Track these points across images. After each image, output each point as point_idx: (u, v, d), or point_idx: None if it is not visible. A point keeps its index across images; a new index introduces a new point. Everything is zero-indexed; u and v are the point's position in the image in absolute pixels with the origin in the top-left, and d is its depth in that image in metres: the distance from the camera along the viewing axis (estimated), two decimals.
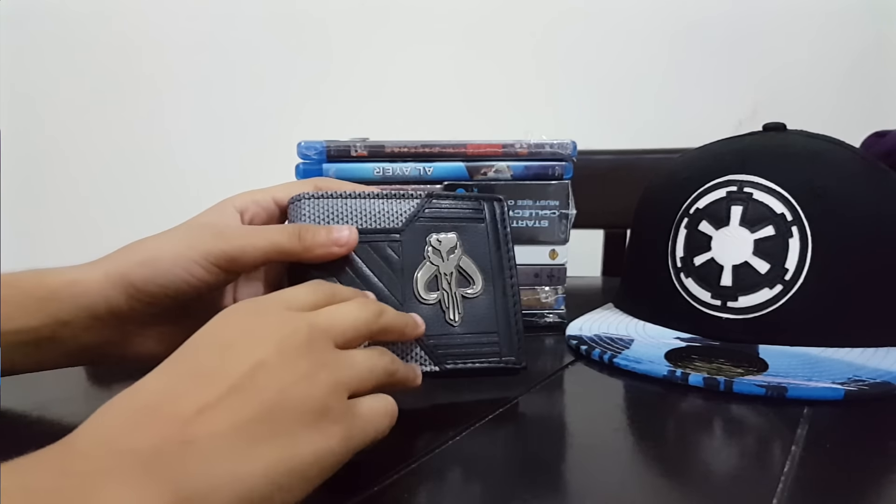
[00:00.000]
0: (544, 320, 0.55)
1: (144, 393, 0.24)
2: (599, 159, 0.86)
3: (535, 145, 0.54)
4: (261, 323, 0.27)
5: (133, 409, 0.23)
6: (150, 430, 0.22)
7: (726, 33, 1.04)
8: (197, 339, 0.26)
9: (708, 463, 0.31)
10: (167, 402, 0.23)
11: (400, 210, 0.38)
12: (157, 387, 0.24)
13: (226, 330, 0.27)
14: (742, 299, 0.44)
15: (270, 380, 0.24)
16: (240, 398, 0.23)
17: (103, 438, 0.22)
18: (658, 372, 0.41)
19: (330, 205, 0.37)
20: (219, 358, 0.25)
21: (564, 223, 0.54)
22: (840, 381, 0.37)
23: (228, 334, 0.26)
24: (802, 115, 0.65)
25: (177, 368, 0.25)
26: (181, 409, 0.22)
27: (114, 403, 0.23)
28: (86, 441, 0.22)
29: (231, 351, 0.25)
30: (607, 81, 1.08)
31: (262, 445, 0.23)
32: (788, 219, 0.44)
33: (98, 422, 0.23)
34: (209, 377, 0.24)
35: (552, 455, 0.32)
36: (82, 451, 0.21)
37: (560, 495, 0.28)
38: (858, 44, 1.00)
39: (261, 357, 0.25)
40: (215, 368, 0.24)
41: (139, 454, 0.21)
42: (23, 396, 0.40)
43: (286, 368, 0.25)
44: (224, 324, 0.27)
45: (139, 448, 0.21)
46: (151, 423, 0.22)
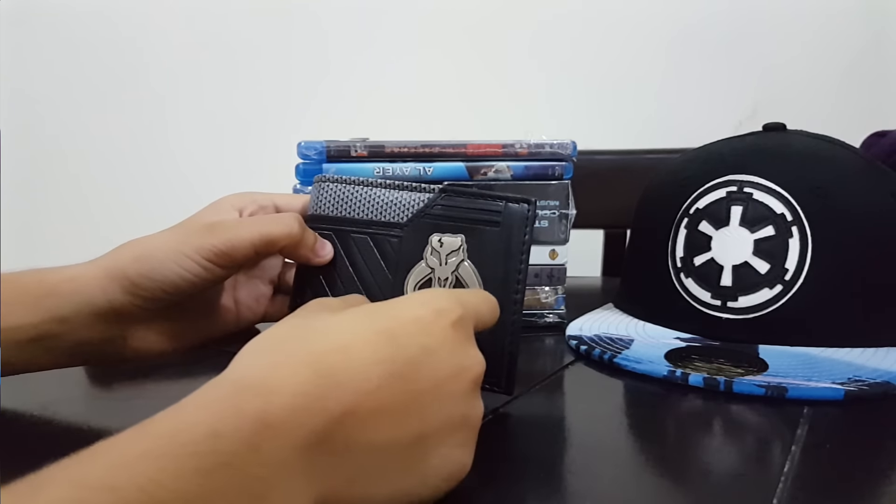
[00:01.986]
0: (544, 320, 0.55)
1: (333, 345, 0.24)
2: (599, 159, 0.86)
3: (535, 145, 0.54)
4: (460, 346, 0.26)
5: (322, 364, 0.23)
6: (331, 400, 0.22)
7: (726, 33, 1.04)
8: (405, 313, 0.26)
9: (708, 463, 0.31)
10: (353, 376, 0.23)
11: (408, 203, 0.36)
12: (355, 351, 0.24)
13: (433, 331, 0.26)
14: (742, 299, 0.44)
15: (443, 409, 0.25)
16: (415, 411, 0.24)
17: (295, 407, 0.21)
18: (658, 372, 0.41)
19: (338, 191, 0.37)
20: (417, 366, 0.24)
21: (564, 223, 0.54)
22: (840, 381, 0.37)
23: (434, 340, 0.26)
24: (802, 115, 0.65)
25: (377, 337, 0.24)
26: (361, 386, 0.23)
27: (300, 340, 0.24)
28: (280, 400, 0.21)
29: (430, 360, 0.25)
30: (607, 81, 1.08)
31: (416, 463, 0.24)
32: (788, 219, 0.44)
33: (290, 370, 0.22)
34: (402, 377, 0.24)
35: (552, 455, 0.32)
36: (277, 420, 0.20)
37: (560, 495, 0.28)
38: (858, 44, 1.00)
39: (446, 381, 0.25)
40: (410, 369, 0.24)
41: (316, 433, 0.21)
42: (23, 397, 0.40)
43: (458, 405, 0.26)
44: (433, 322, 0.26)
45: (319, 426, 0.21)
46: (336, 389, 0.22)
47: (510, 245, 0.36)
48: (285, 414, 0.21)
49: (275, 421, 0.20)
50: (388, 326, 0.25)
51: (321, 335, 0.24)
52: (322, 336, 0.24)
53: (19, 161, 1.22)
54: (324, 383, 0.22)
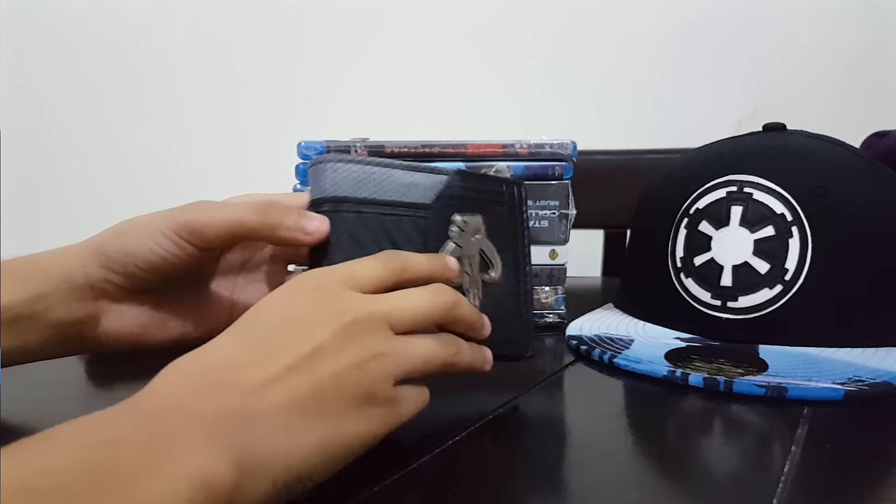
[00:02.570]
0: (544, 320, 0.55)
1: (212, 359, 0.26)
2: (599, 159, 0.86)
3: (535, 145, 0.54)
4: (324, 302, 0.28)
5: (202, 374, 0.25)
6: (217, 397, 0.24)
7: (726, 33, 1.04)
8: (264, 307, 0.28)
9: (708, 463, 0.31)
10: (233, 371, 0.25)
11: (429, 185, 0.36)
12: (225, 353, 0.26)
13: (291, 304, 0.28)
14: (742, 299, 0.44)
15: (326, 364, 0.26)
16: (297, 377, 0.25)
17: (175, 398, 0.23)
18: (658, 372, 0.41)
19: (354, 171, 0.34)
20: (282, 333, 0.27)
21: (564, 223, 0.54)
22: (840, 381, 0.37)
23: (293, 309, 0.28)
24: (802, 115, 0.65)
25: (243, 336, 0.27)
26: (245, 380, 0.24)
27: (181, 366, 0.25)
28: (159, 400, 0.24)
29: (294, 327, 0.27)
30: (607, 81, 1.08)
31: (313, 423, 0.25)
32: (788, 219, 0.44)
33: (167, 382, 0.24)
34: (272, 351, 0.26)
35: (552, 455, 0.32)
36: (156, 409, 0.23)
37: (560, 495, 0.28)
38: (858, 44, 1.00)
39: (320, 340, 0.26)
40: (278, 344, 0.26)
41: (207, 418, 0.23)
42: (23, 397, 0.40)
43: (341, 354, 0.26)
44: (290, 297, 0.29)
45: (207, 412, 0.23)
46: (218, 391, 0.24)
47: (515, 222, 0.40)
48: (168, 403, 0.23)
49: (159, 407, 0.23)
50: (251, 313, 0.28)
51: (202, 355, 0.26)
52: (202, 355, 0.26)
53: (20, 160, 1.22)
54: (205, 383, 0.24)
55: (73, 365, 0.46)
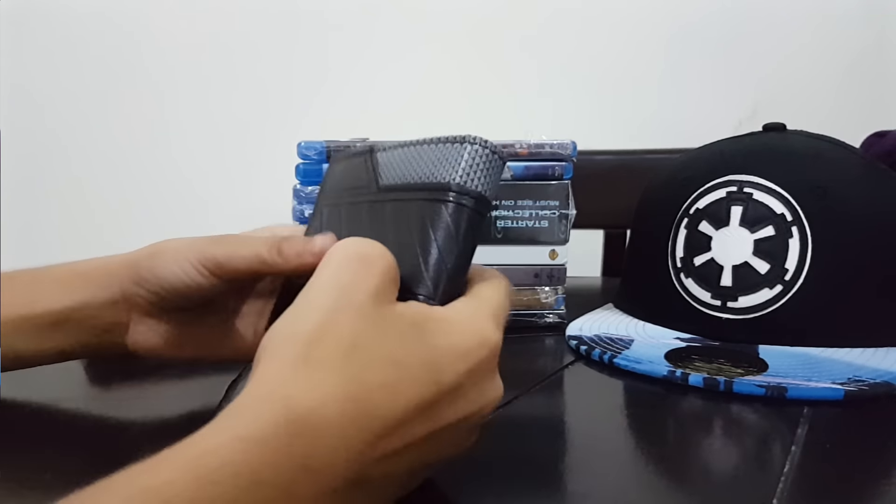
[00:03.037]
0: (544, 320, 0.55)
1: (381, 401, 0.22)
2: (599, 159, 0.86)
3: (535, 145, 0.54)
4: (489, 377, 0.26)
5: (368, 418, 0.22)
6: (361, 452, 0.21)
7: (726, 33, 1.04)
8: (440, 345, 0.24)
9: (708, 463, 0.31)
10: (389, 427, 0.22)
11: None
12: (398, 400, 0.23)
13: (467, 370, 0.25)
14: (742, 299, 0.44)
15: (444, 442, 0.25)
16: (425, 448, 0.24)
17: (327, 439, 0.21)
18: (658, 372, 0.41)
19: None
20: (447, 397, 0.24)
21: (564, 223, 0.54)
22: (840, 381, 0.37)
23: (468, 378, 0.25)
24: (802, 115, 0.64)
25: (423, 382, 0.23)
26: (394, 442, 0.22)
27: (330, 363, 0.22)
28: (321, 464, 0.21)
29: (456, 395, 0.24)
30: (607, 81, 1.08)
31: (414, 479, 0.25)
32: (788, 219, 0.44)
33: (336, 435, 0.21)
34: (430, 416, 0.23)
35: (552, 455, 0.32)
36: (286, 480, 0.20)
37: (560, 495, 0.28)
38: (858, 44, 1.00)
39: (465, 415, 0.25)
40: (438, 408, 0.24)
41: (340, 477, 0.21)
42: (24, 397, 0.40)
43: (463, 436, 0.26)
44: (469, 358, 0.25)
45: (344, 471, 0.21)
46: (367, 444, 0.22)
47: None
48: (327, 458, 0.20)
49: (317, 466, 0.20)
50: (433, 358, 0.24)
51: (368, 359, 0.23)
52: (370, 361, 0.23)
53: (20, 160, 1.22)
54: (366, 426, 0.21)
55: (73, 365, 0.46)
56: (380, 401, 0.22)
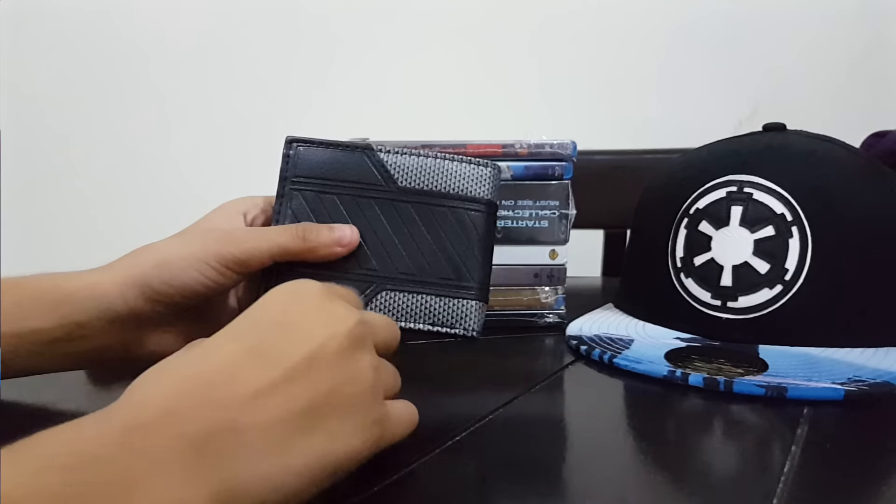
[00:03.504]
0: (544, 320, 0.55)
1: (203, 364, 0.24)
2: (599, 159, 0.86)
3: (535, 145, 0.54)
4: (320, 308, 0.27)
5: (191, 383, 0.23)
6: (206, 411, 0.22)
7: (726, 33, 1.04)
8: (260, 311, 0.27)
9: (708, 463, 0.31)
10: (226, 379, 0.23)
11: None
12: (218, 359, 0.24)
13: (283, 307, 0.27)
14: (742, 299, 0.44)
15: (324, 373, 0.25)
16: (293, 388, 0.24)
17: (159, 412, 0.22)
18: (658, 372, 0.41)
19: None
20: (280, 339, 0.25)
21: (564, 223, 0.54)
22: (840, 381, 0.37)
23: (290, 315, 0.27)
24: (802, 115, 0.65)
25: (238, 340, 0.25)
26: (238, 390, 0.23)
27: (169, 372, 0.24)
28: (143, 412, 0.22)
29: (290, 332, 0.26)
30: (607, 81, 1.08)
31: (304, 439, 0.23)
32: (788, 219, 0.44)
33: (153, 391, 0.23)
34: (268, 359, 0.24)
35: (552, 455, 0.32)
36: (138, 424, 0.21)
37: (560, 495, 0.28)
38: (858, 44, 1.00)
39: (318, 345, 0.25)
40: (274, 348, 0.25)
41: (191, 439, 0.21)
42: (24, 397, 0.40)
43: (340, 364, 0.25)
44: (282, 300, 0.27)
45: (193, 432, 0.21)
46: (208, 403, 0.22)
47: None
48: (157, 413, 0.21)
49: (145, 422, 0.21)
50: (248, 313, 0.27)
51: (193, 350, 0.25)
52: (194, 350, 0.25)
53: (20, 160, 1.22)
54: (194, 381, 0.23)
55: None
56: (202, 359, 0.24)
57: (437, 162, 0.38)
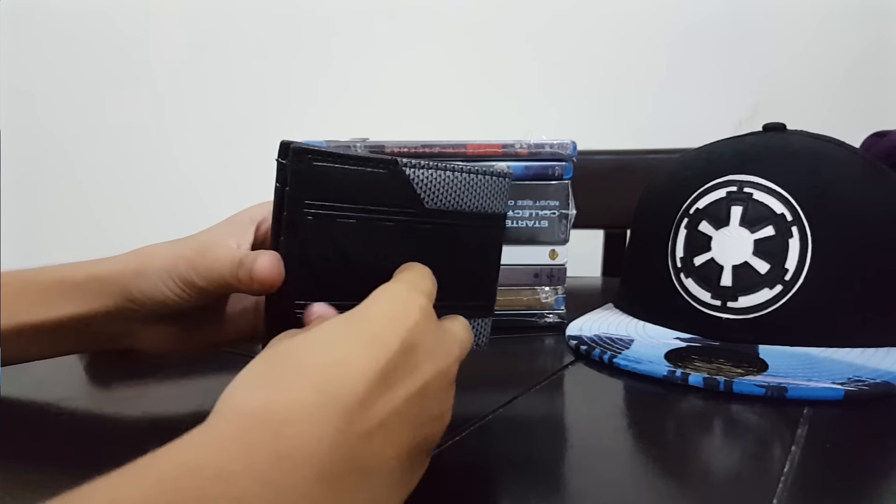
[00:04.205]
0: (544, 320, 0.55)
1: (340, 384, 0.22)
2: (599, 159, 0.86)
3: (535, 145, 0.54)
4: (436, 331, 0.27)
5: (327, 398, 0.21)
6: (340, 441, 0.21)
7: (726, 33, 1.04)
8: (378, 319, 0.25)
9: (708, 463, 0.31)
10: (360, 402, 0.22)
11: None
12: (353, 371, 0.22)
13: (406, 321, 0.25)
14: (742, 299, 0.44)
15: (428, 408, 0.25)
16: (406, 420, 0.23)
17: (299, 431, 0.20)
18: (658, 372, 0.41)
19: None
20: (404, 359, 0.24)
21: (564, 223, 0.54)
22: (840, 381, 0.37)
23: (411, 332, 0.25)
24: (802, 115, 0.64)
25: (369, 351, 0.23)
26: (371, 418, 0.22)
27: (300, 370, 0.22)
28: (285, 428, 0.20)
29: (414, 355, 0.24)
30: (607, 81, 1.08)
31: (400, 484, 0.24)
32: (788, 219, 0.44)
33: (289, 396, 0.21)
34: (395, 381, 0.23)
35: (552, 455, 0.32)
36: (289, 455, 0.20)
37: (560, 495, 0.28)
38: (858, 44, 1.00)
39: (430, 377, 0.25)
40: (400, 372, 0.24)
41: (323, 478, 0.20)
42: (24, 397, 0.40)
43: (438, 399, 0.26)
44: (402, 311, 0.26)
45: (327, 467, 0.20)
46: (344, 430, 0.21)
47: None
48: (299, 444, 0.20)
49: (290, 454, 0.20)
50: (373, 330, 0.24)
51: (317, 352, 0.23)
52: (318, 352, 0.23)
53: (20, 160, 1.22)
54: (332, 406, 0.21)
55: (73, 365, 0.46)
56: (337, 377, 0.22)
57: (462, 176, 0.34)
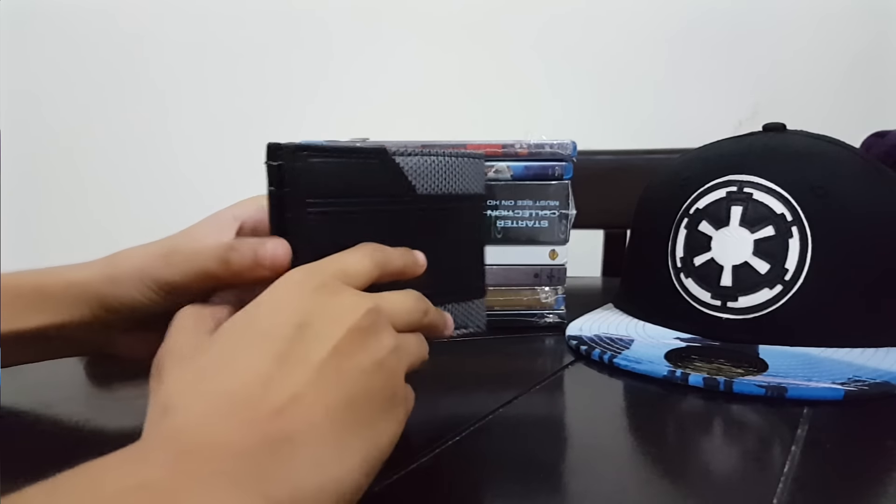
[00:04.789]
0: (544, 320, 0.55)
1: (236, 379, 0.23)
2: (599, 159, 0.86)
3: (535, 145, 0.54)
4: (331, 302, 0.26)
5: (226, 398, 0.23)
6: (252, 429, 0.22)
7: (726, 33, 1.04)
8: (266, 314, 0.26)
9: (708, 463, 0.31)
10: (262, 392, 0.23)
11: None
12: (249, 372, 0.24)
13: (295, 306, 0.26)
14: (742, 299, 0.44)
15: (350, 366, 0.25)
16: (326, 384, 0.24)
17: (206, 434, 0.21)
18: (658, 372, 0.41)
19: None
20: (299, 340, 0.25)
21: (564, 223, 0.54)
22: (840, 381, 0.37)
23: (300, 315, 0.25)
24: (802, 115, 0.65)
25: (262, 348, 0.24)
26: (277, 400, 0.23)
27: (201, 388, 0.23)
28: (190, 436, 0.22)
29: (309, 332, 0.25)
30: (607, 81, 1.08)
31: (352, 435, 0.23)
32: (788, 219, 0.44)
33: (194, 412, 0.22)
34: (296, 362, 0.24)
35: (552, 455, 0.32)
36: (188, 447, 0.21)
37: (560, 496, 0.28)
38: (858, 44, 1.00)
39: (338, 341, 0.25)
40: (299, 352, 0.24)
41: (245, 458, 0.21)
42: (24, 397, 0.40)
43: (362, 354, 0.25)
44: (292, 298, 0.26)
45: (244, 451, 0.21)
46: (253, 421, 0.22)
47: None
48: (203, 442, 0.21)
49: (192, 448, 0.21)
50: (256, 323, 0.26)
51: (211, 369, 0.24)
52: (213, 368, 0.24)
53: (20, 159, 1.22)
54: (230, 406, 0.22)
55: (73, 365, 0.46)
56: (235, 389, 0.23)
57: (446, 160, 0.35)
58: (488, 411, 0.37)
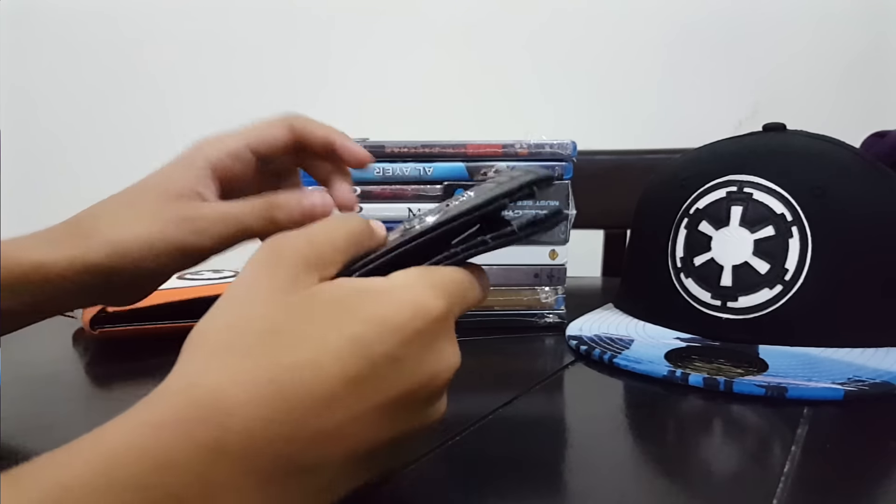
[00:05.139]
0: (544, 320, 0.55)
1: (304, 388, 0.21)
2: (599, 159, 0.86)
3: (535, 145, 0.54)
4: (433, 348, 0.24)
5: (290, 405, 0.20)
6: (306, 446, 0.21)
7: (726, 33, 1.04)
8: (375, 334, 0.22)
9: (708, 463, 0.31)
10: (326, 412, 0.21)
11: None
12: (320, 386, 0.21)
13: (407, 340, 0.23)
14: (742, 299, 0.44)
15: (401, 418, 0.23)
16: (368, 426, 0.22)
17: (261, 438, 0.20)
18: (658, 372, 0.41)
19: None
20: (388, 374, 0.22)
21: (564, 223, 0.54)
22: (840, 381, 0.37)
23: (406, 349, 0.23)
24: (802, 115, 0.65)
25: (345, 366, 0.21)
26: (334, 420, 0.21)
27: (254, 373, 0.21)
28: (235, 434, 0.19)
29: (401, 370, 0.23)
30: (607, 81, 1.08)
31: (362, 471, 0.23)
32: (788, 219, 0.44)
33: (247, 401, 0.20)
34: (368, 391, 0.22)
35: (552, 455, 0.32)
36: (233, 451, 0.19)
37: (560, 495, 0.28)
38: (858, 44, 1.00)
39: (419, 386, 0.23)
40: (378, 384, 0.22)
41: (286, 469, 0.20)
42: (23, 397, 0.40)
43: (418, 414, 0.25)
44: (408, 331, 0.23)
45: (289, 466, 0.20)
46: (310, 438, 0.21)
47: None
48: (242, 441, 0.19)
49: (230, 449, 0.19)
50: (360, 333, 0.22)
51: (288, 343, 0.22)
52: (286, 343, 0.22)
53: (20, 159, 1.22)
54: (286, 407, 0.20)
55: (73, 365, 0.46)
56: (300, 379, 0.21)
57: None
58: (488, 411, 0.37)
